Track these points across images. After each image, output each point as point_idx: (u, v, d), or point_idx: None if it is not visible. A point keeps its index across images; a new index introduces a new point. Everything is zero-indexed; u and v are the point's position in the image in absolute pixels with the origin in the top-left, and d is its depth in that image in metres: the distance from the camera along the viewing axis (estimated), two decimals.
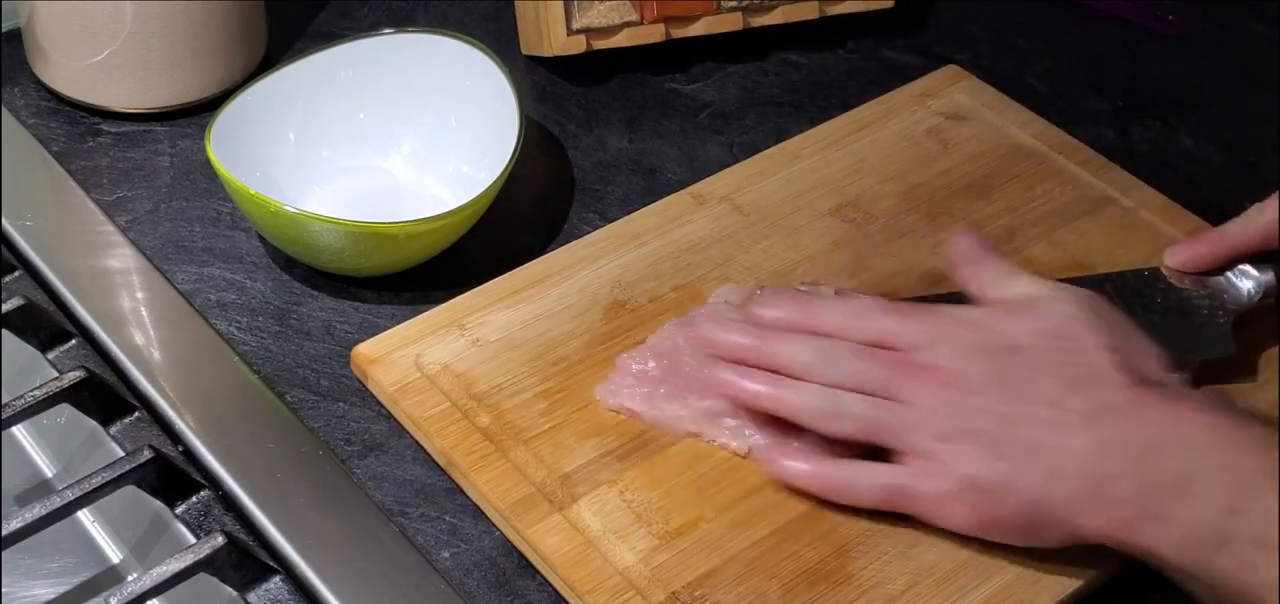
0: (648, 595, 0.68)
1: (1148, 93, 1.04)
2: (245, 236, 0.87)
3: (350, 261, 0.82)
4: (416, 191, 0.89)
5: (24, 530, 0.70)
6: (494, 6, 1.05)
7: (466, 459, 0.73)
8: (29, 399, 0.75)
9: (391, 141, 0.91)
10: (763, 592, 0.69)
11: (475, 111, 0.89)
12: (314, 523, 0.72)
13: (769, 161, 0.92)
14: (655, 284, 0.83)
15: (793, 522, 0.72)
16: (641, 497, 0.73)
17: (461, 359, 0.78)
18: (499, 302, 0.81)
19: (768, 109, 0.99)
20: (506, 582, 0.71)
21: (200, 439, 0.75)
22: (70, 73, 0.93)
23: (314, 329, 0.82)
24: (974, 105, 0.97)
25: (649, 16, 0.98)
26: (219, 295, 0.83)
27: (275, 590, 0.71)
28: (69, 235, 0.87)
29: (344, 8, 1.04)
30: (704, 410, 0.75)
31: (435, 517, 0.73)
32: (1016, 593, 0.70)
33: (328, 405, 0.78)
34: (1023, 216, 0.89)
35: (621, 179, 0.93)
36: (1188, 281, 0.81)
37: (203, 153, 0.86)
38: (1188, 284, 0.81)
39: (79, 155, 0.91)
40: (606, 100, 0.99)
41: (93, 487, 0.72)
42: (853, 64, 1.04)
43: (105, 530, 0.79)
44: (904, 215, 0.89)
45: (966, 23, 1.08)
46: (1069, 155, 0.94)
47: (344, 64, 0.90)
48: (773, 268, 0.85)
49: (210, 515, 0.74)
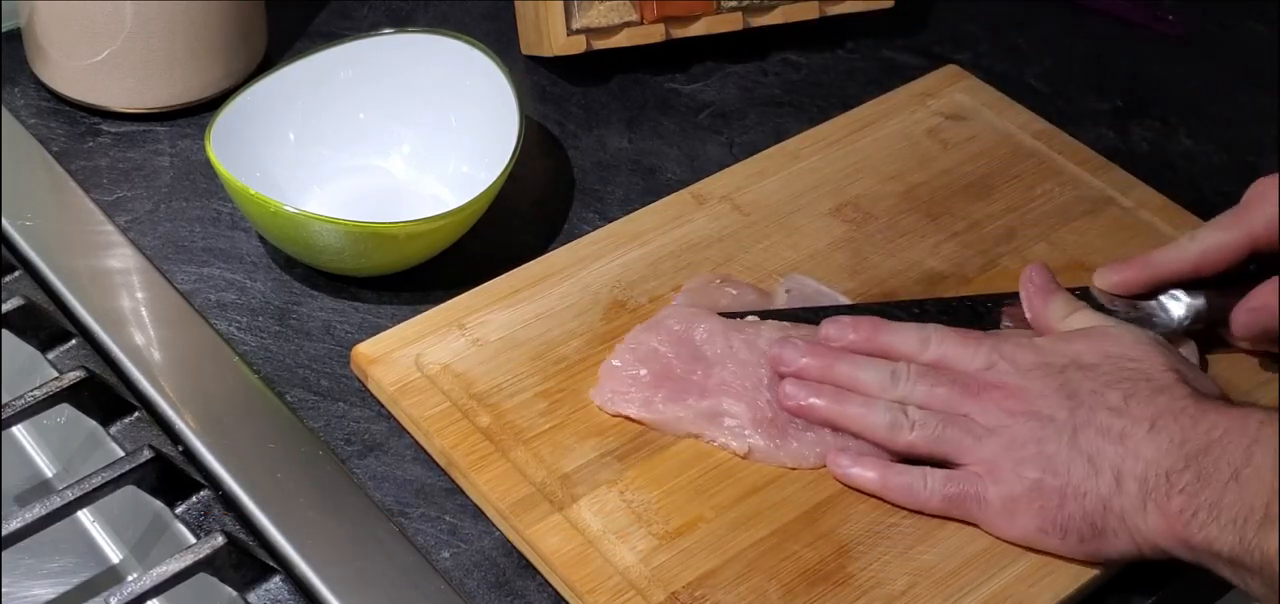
0: (648, 595, 0.68)
1: (1148, 93, 1.04)
2: (245, 236, 0.87)
3: (350, 261, 0.82)
4: (416, 191, 0.89)
5: (24, 530, 0.70)
6: (494, 6, 1.05)
7: (466, 459, 0.73)
8: (29, 399, 0.75)
9: (391, 141, 0.91)
10: (763, 592, 0.69)
11: (475, 111, 0.89)
12: (314, 523, 0.72)
13: (769, 161, 0.92)
14: (655, 284, 0.83)
15: (793, 522, 0.72)
16: (641, 497, 0.73)
17: (461, 359, 0.78)
18: (499, 301, 0.81)
19: (768, 109, 0.99)
20: (506, 582, 0.71)
21: (200, 439, 0.75)
22: (70, 73, 0.93)
23: (314, 329, 0.82)
24: (974, 105, 0.97)
25: (649, 16, 0.98)
26: (219, 295, 0.83)
27: (275, 590, 0.71)
28: (69, 235, 0.87)
29: (344, 8, 1.04)
30: (704, 411, 0.75)
31: (435, 517, 0.73)
32: (1016, 593, 0.70)
33: (328, 405, 0.78)
34: (1023, 217, 0.89)
35: (621, 179, 0.93)
36: (1118, 304, 0.81)
37: (203, 153, 0.86)
38: (1118, 306, 0.81)
39: (79, 155, 0.91)
40: (606, 100, 0.99)
41: (93, 487, 0.72)
42: (853, 64, 1.04)
43: (105, 530, 0.79)
44: (904, 215, 0.89)
45: (966, 23, 1.08)
46: (1069, 155, 0.94)
47: (344, 64, 0.90)
48: (773, 268, 0.85)
49: (210, 515, 0.74)
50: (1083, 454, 0.70)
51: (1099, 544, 0.70)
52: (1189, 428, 0.68)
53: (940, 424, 0.73)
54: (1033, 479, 0.70)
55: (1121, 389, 0.70)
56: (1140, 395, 0.70)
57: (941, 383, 0.74)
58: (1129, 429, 0.69)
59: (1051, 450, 0.70)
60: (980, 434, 0.72)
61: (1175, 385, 0.70)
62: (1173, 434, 0.68)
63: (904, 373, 0.74)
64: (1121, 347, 0.73)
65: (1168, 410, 0.69)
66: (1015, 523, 0.71)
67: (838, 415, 0.75)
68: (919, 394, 0.74)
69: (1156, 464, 0.68)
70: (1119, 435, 0.69)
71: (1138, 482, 0.68)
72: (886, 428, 0.73)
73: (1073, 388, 0.71)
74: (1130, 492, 0.68)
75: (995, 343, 0.74)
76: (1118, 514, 0.69)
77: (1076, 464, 0.70)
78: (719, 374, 0.76)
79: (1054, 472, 0.70)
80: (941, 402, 0.73)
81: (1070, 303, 0.77)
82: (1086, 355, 0.73)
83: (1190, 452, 0.67)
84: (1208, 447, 0.67)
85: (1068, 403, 0.71)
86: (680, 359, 0.77)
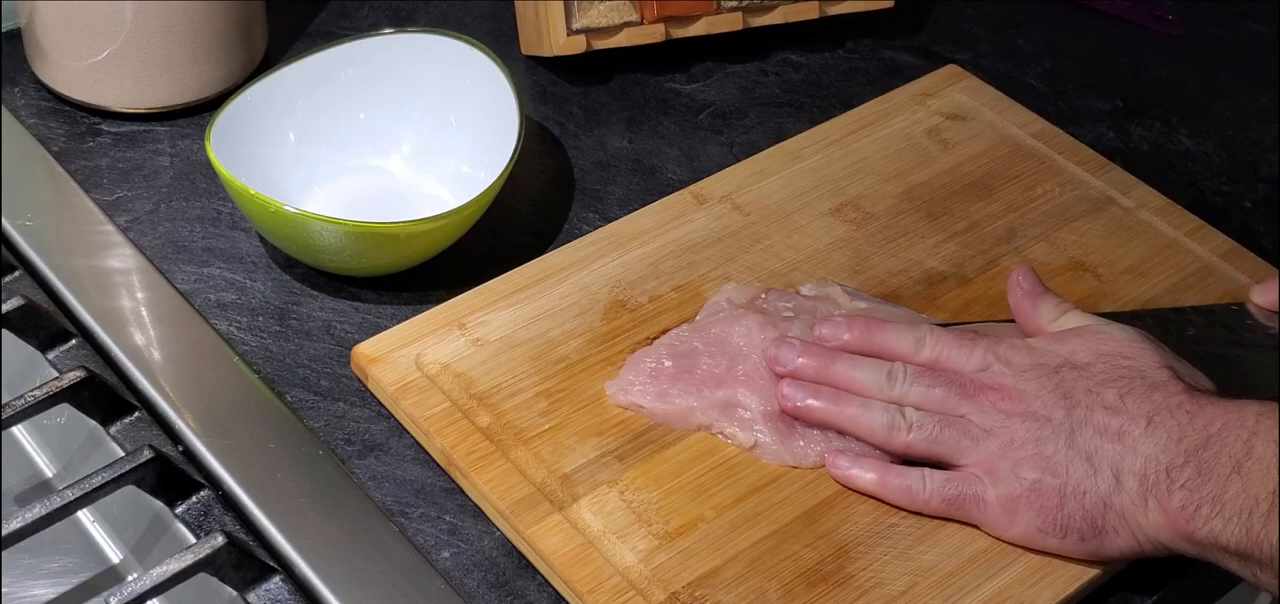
0: (648, 595, 0.68)
1: (1148, 93, 1.04)
2: (245, 236, 0.87)
3: (350, 261, 0.82)
4: (416, 191, 0.89)
5: (24, 530, 0.70)
6: (494, 6, 1.05)
7: (466, 459, 0.73)
8: (29, 399, 0.75)
9: (391, 141, 0.91)
10: (763, 592, 0.69)
11: (475, 111, 0.89)
12: (314, 523, 0.72)
13: (769, 161, 0.92)
14: (655, 283, 0.83)
15: (793, 522, 0.72)
16: (641, 497, 0.73)
17: (462, 359, 0.78)
18: (499, 301, 0.81)
19: (768, 109, 0.99)
20: (506, 582, 0.71)
21: (200, 439, 0.75)
22: (70, 73, 0.93)
23: (314, 329, 0.82)
24: (974, 105, 0.97)
25: (649, 16, 0.98)
26: (219, 295, 0.83)
27: (275, 590, 0.71)
28: (69, 235, 0.87)
29: (344, 8, 1.04)
30: (718, 400, 0.75)
31: (435, 517, 0.73)
32: (1016, 593, 0.70)
33: (328, 405, 0.78)
34: (1023, 216, 0.89)
35: (621, 179, 0.93)
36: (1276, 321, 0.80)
37: (203, 153, 0.86)
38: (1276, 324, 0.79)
39: (79, 155, 0.91)
40: (606, 100, 0.99)
41: (93, 487, 0.72)
42: (853, 64, 1.04)
43: (105, 530, 0.79)
44: (904, 215, 0.89)
45: (966, 23, 1.08)
46: (1069, 155, 0.94)
47: (344, 64, 0.90)
48: (773, 268, 0.85)
49: (210, 515, 0.74)
50: (1081, 453, 0.70)
51: (1100, 542, 0.70)
52: (1186, 423, 0.68)
53: (938, 425, 0.73)
54: (1031, 479, 0.70)
55: (1117, 387, 0.70)
56: (1136, 392, 0.70)
57: (938, 383, 0.74)
58: (1126, 427, 0.69)
59: (1049, 450, 0.70)
60: (978, 435, 0.72)
61: (1170, 382, 0.70)
62: (1171, 430, 0.68)
63: (901, 373, 0.74)
64: (1115, 344, 0.73)
65: (1164, 406, 0.69)
66: (1015, 523, 0.71)
67: (835, 416, 0.75)
68: (915, 395, 0.74)
69: (1156, 460, 0.68)
70: (1116, 433, 0.69)
71: (1137, 478, 0.68)
72: (884, 429, 0.73)
73: (1068, 387, 0.71)
74: (1130, 489, 0.68)
75: (990, 344, 0.74)
76: (1118, 512, 0.69)
77: (1075, 463, 0.70)
78: (743, 366, 0.77)
79: (1053, 471, 0.70)
80: (938, 402, 0.73)
81: (1060, 305, 0.77)
82: (1080, 354, 0.73)
83: (1189, 446, 0.67)
84: (1207, 441, 0.67)
85: (1064, 402, 0.71)
86: (710, 353, 0.77)
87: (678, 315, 0.81)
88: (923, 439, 0.73)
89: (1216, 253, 0.87)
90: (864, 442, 0.74)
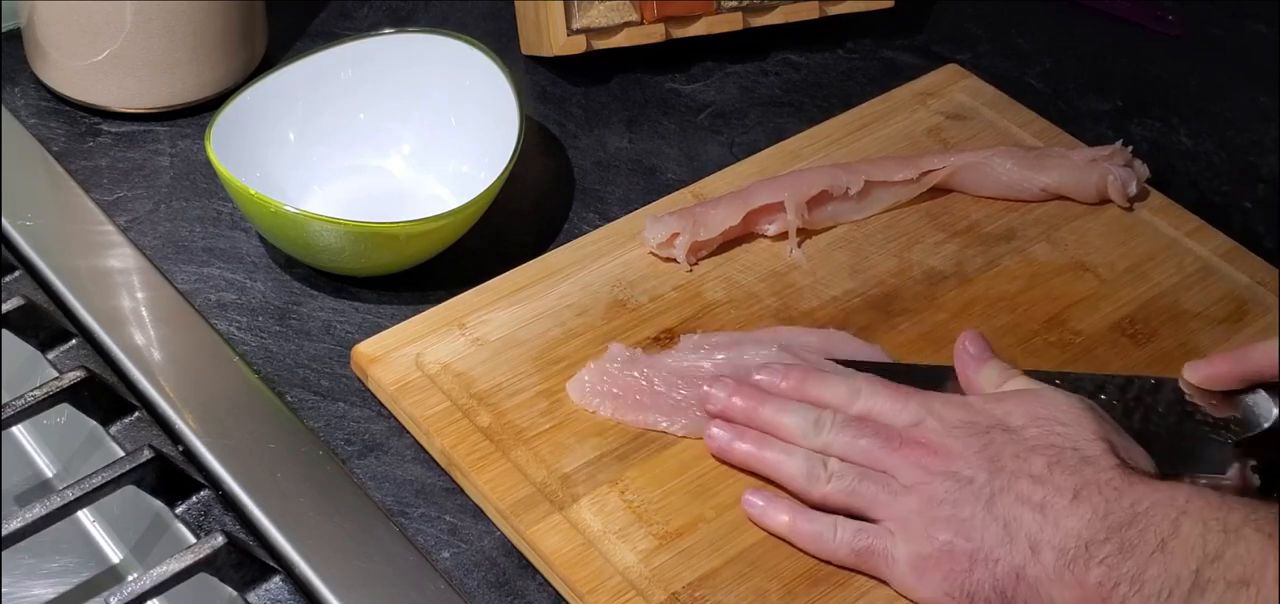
0: (648, 595, 0.68)
1: (1148, 93, 1.04)
2: (245, 236, 0.87)
3: (350, 261, 0.82)
4: (416, 191, 0.89)
5: (24, 530, 0.70)
6: (494, 6, 1.05)
7: (467, 459, 0.73)
8: (29, 399, 0.75)
9: (391, 141, 0.91)
10: (763, 592, 0.69)
11: (475, 111, 0.89)
12: (314, 523, 0.72)
13: (769, 161, 0.92)
14: (656, 283, 0.83)
15: None
16: (641, 497, 0.73)
17: (462, 358, 0.78)
18: (499, 300, 0.81)
19: (768, 109, 0.99)
20: (506, 582, 0.71)
21: (200, 439, 0.75)
22: (70, 73, 0.93)
23: (314, 329, 0.82)
24: (974, 105, 0.97)
25: (649, 16, 0.98)
26: (219, 295, 0.83)
27: (275, 590, 0.71)
28: (69, 235, 0.87)
29: (344, 8, 1.04)
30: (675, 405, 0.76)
31: (435, 517, 0.73)
32: None
33: (328, 405, 0.78)
34: (1023, 217, 0.89)
35: (621, 179, 0.93)
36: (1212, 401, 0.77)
37: (203, 153, 0.86)
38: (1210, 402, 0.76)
39: (79, 155, 0.91)
40: (606, 100, 0.99)
41: (93, 487, 0.72)
42: (853, 64, 1.04)
43: (105, 530, 0.79)
44: (904, 215, 0.89)
45: (966, 23, 1.08)
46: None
47: (344, 64, 0.90)
48: (773, 267, 0.85)
49: (210, 515, 0.74)
50: (998, 520, 0.68)
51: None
52: (1113, 500, 0.66)
53: (856, 478, 0.71)
54: (943, 541, 0.68)
55: (1046, 456, 0.68)
56: (1065, 464, 0.68)
57: (865, 435, 0.72)
58: (1049, 499, 0.67)
59: (966, 513, 0.68)
60: (897, 490, 0.70)
61: (1103, 456, 0.68)
62: (1096, 505, 0.66)
63: (828, 421, 0.73)
64: (1052, 410, 0.71)
65: (1093, 482, 0.67)
66: (922, 584, 0.69)
67: (756, 460, 0.73)
68: (839, 445, 0.72)
69: (1077, 535, 0.66)
70: (1038, 504, 0.67)
71: (1056, 551, 0.66)
72: (803, 476, 0.72)
73: (996, 451, 0.69)
74: (1047, 561, 0.66)
75: (925, 400, 0.72)
76: (1031, 584, 0.67)
77: (990, 529, 0.68)
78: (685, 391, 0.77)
79: (966, 535, 0.68)
80: (862, 454, 0.71)
81: (1004, 372, 0.75)
82: (1015, 417, 0.71)
83: (1113, 523, 0.65)
84: (1132, 518, 0.65)
85: (989, 466, 0.69)
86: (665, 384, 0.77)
87: (678, 315, 0.81)
88: (840, 489, 0.71)
89: (1216, 253, 0.87)
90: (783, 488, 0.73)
